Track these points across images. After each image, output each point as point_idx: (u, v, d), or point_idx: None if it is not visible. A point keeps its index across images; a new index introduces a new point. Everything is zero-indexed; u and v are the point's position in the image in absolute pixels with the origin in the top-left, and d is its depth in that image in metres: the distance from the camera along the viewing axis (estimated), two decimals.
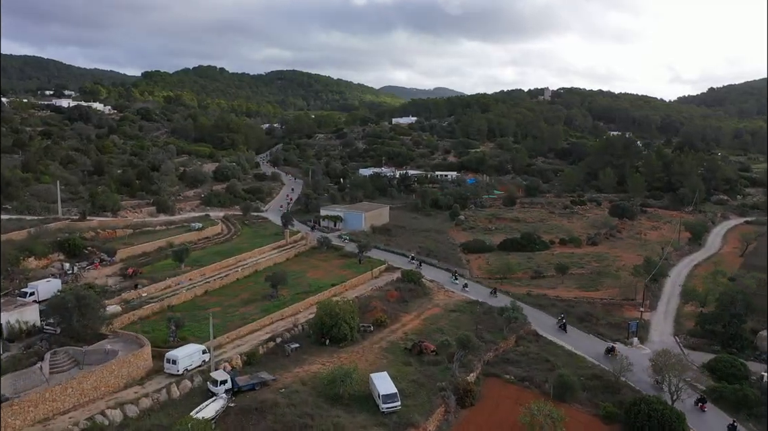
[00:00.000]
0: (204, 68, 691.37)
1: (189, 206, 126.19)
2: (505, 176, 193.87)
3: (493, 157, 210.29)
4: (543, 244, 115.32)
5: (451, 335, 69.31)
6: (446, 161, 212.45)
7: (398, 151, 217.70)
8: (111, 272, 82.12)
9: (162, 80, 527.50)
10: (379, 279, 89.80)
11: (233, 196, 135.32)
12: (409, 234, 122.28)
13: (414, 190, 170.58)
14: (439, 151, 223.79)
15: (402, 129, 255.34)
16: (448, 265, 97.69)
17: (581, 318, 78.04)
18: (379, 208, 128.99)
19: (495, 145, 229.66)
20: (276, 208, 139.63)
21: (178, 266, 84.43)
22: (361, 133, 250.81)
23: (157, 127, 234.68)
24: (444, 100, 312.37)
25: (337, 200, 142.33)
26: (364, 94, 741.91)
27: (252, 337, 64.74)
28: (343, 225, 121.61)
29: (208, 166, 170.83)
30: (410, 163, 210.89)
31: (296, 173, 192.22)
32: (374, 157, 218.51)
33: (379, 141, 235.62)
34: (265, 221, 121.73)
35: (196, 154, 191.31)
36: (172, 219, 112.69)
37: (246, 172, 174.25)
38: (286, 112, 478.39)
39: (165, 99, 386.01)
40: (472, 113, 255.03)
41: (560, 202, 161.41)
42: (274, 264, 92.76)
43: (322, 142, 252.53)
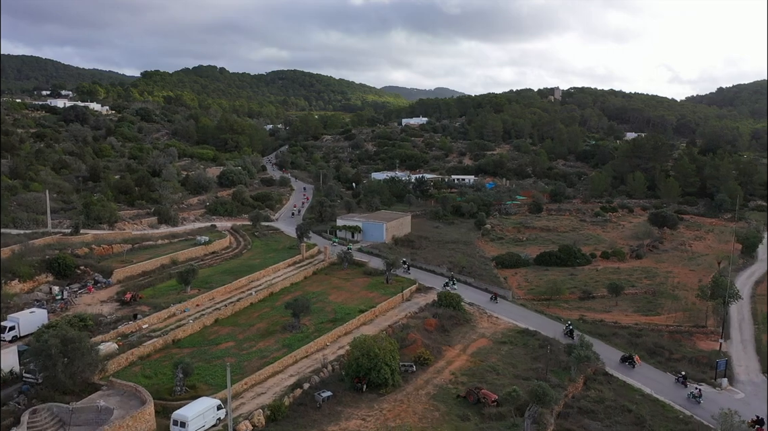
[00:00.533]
0: (204, 68, 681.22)
1: (193, 215, 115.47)
2: (525, 180, 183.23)
3: (511, 159, 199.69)
4: (584, 258, 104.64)
5: (508, 374, 58.96)
6: (462, 164, 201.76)
7: (410, 153, 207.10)
8: (106, 296, 71.45)
9: (161, 80, 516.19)
10: (411, 302, 79.24)
11: (240, 204, 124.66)
12: (435, 246, 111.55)
13: (431, 195, 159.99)
14: (453, 154, 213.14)
15: (413, 130, 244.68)
16: (487, 285, 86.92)
17: (651, 351, 67.40)
18: (401, 218, 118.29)
19: (512, 147, 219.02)
20: (287, 216, 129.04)
21: (183, 289, 73.75)
22: (370, 134, 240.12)
23: (157, 128, 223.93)
24: (454, 100, 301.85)
25: (353, 208, 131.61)
26: (367, 94, 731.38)
27: (274, 382, 54.17)
28: (362, 237, 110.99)
29: (212, 170, 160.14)
30: (423, 166, 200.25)
31: (305, 177, 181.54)
32: (385, 159, 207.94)
33: (389, 143, 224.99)
34: (276, 232, 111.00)
35: (198, 157, 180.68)
36: (175, 231, 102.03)
37: (252, 177, 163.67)
38: (288, 113, 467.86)
39: (165, 99, 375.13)
40: (485, 114, 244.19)
41: (589, 208, 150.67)
42: (291, 285, 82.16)
43: (330, 143, 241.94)
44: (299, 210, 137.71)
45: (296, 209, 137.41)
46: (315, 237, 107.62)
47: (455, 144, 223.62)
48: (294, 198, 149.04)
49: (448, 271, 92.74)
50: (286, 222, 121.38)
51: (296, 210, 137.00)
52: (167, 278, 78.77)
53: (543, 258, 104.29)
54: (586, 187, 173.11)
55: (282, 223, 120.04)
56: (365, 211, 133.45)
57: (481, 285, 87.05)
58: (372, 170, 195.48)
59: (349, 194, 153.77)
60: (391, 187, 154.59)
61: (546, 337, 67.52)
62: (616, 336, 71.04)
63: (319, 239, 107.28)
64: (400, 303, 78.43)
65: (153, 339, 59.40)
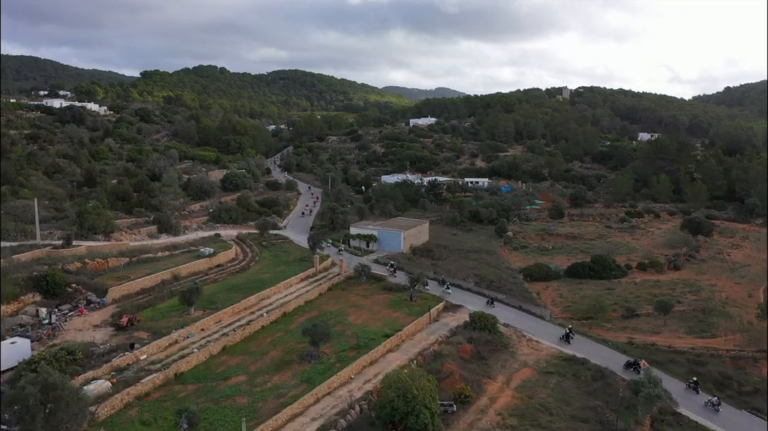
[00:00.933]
0: (204, 68, 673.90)
1: (195, 223, 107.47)
2: (541, 183, 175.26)
3: (526, 161, 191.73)
4: (619, 269, 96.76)
5: (563, 415, 51.04)
6: (474, 166, 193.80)
7: (420, 155, 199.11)
8: (100, 320, 63.50)
9: (161, 80, 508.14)
10: (439, 322, 71.30)
11: (246, 210, 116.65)
12: (456, 256, 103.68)
13: (445, 199, 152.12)
14: (465, 155, 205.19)
15: (421, 131, 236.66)
16: (520, 302, 78.96)
17: (718, 383, 59.48)
18: (418, 225, 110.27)
19: (525, 149, 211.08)
20: (297, 218, 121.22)
21: (186, 311, 65.80)
22: (378, 135, 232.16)
23: (157, 129, 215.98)
24: (462, 100, 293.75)
25: (365, 214, 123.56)
26: (369, 94, 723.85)
27: (294, 428, 46.19)
28: (378, 246, 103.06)
29: (215, 173, 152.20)
30: (434, 168, 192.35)
31: (311, 180, 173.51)
32: (394, 161, 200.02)
33: (397, 144, 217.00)
34: (285, 242, 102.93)
35: (200, 159, 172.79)
36: (177, 242, 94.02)
37: (257, 180, 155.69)
38: (289, 113, 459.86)
39: (164, 99, 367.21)
40: (495, 114, 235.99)
41: (613, 213, 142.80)
42: (305, 303, 74.20)
43: (335, 144, 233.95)
44: (311, 210, 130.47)
45: (308, 209, 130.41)
46: (326, 247, 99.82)
47: (466, 145, 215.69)
48: (303, 203, 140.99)
49: (475, 285, 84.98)
50: (295, 229, 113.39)
51: (307, 210, 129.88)
52: (168, 296, 70.81)
53: (575, 269, 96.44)
54: (607, 191, 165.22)
55: (291, 231, 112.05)
56: (378, 217, 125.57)
57: (513, 301, 79.03)
58: (381, 172, 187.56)
59: (359, 198, 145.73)
60: (403, 190, 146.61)
61: (598, 367, 59.57)
62: (674, 364, 63.14)
63: (331, 249, 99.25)
64: (427, 324, 70.50)
65: (152, 374, 51.43)
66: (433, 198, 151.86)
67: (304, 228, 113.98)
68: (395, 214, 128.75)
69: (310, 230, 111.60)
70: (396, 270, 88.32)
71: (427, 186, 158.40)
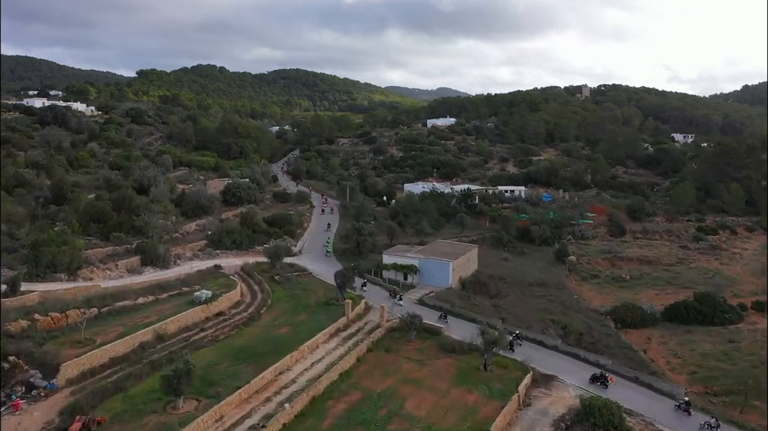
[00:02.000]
0: (203, 67, 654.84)
1: (190, 250, 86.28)
2: (584, 191, 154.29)
3: (563, 166, 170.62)
4: (733, 311, 75.61)
5: None
6: (505, 172, 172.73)
7: (444, 159, 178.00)
8: (42, 421, 42.33)
9: (158, 79, 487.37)
10: (532, 409, 50.16)
11: (252, 231, 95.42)
12: (517, 291, 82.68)
13: (481, 212, 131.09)
14: (493, 159, 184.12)
15: (441, 132, 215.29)
16: (637, 372, 57.48)
17: None
18: (467, 251, 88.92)
19: (559, 152, 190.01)
20: (313, 243, 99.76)
21: (173, 403, 44.62)
22: (393, 137, 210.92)
23: (150, 131, 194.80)
24: (482, 98, 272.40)
25: (395, 234, 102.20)
26: (373, 94, 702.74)
27: None
28: (419, 279, 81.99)
29: (214, 182, 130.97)
30: (461, 175, 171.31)
31: (324, 189, 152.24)
32: (415, 167, 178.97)
33: (416, 147, 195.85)
34: (303, 275, 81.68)
35: (197, 165, 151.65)
36: (165, 278, 72.83)
37: (263, 191, 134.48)
38: (291, 113, 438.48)
39: (161, 99, 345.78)
40: (521, 113, 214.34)
41: (681, 229, 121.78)
42: (340, 378, 52.96)
43: (347, 147, 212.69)
44: (328, 224, 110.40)
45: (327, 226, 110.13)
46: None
47: (493, 148, 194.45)
48: (317, 218, 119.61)
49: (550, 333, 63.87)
50: (313, 255, 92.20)
51: (325, 225, 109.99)
52: (149, 372, 49.70)
53: (675, 312, 75.24)
54: (664, 201, 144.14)
55: (308, 258, 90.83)
56: (410, 237, 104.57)
57: (624, 369, 57.50)
58: (401, 180, 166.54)
59: (383, 213, 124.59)
60: (435, 203, 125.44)
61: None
62: None
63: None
64: (517, 411, 49.42)
65: None
66: (467, 211, 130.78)
67: (324, 253, 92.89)
68: (429, 231, 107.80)
69: (327, 252, 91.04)
70: (447, 316, 67.45)
71: (459, 196, 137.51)
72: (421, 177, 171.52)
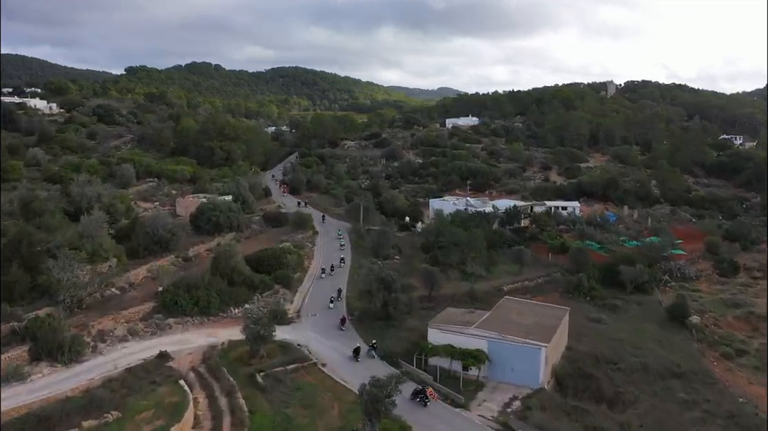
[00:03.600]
0: (198, 65, 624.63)
1: (125, 322, 54.98)
2: (653, 208, 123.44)
3: (621, 175, 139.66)
4: None
5: None
6: (549, 182, 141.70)
7: (473, 167, 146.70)
8: None
9: (147, 76, 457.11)
10: None
11: (228, 283, 63.86)
12: (646, 389, 51.53)
13: (534, 238, 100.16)
14: (532, 166, 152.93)
15: (465, 134, 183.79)
16: None
17: None
18: (555, 319, 57.47)
19: (610, 157, 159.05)
20: (318, 297, 68.02)
21: None
22: (409, 139, 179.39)
23: (119, 132, 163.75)
24: (506, 95, 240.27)
25: (436, 281, 70.53)
26: (375, 93, 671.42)
27: None
28: (487, 372, 51.01)
29: (187, 201, 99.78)
30: (495, 187, 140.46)
31: (330, 206, 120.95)
32: (437, 176, 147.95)
33: (438, 151, 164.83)
34: (303, 367, 50.28)
35: (169, 176, 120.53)
36: (67, 389, 41.67)
37: (251, 210, 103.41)
38: (290, 113, 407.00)
39: (146, 97, 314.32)
40: (558, 111, 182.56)
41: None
42: None
43: (354, 151, 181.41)
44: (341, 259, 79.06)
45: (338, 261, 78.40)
46: (376, 362, 47.59)
47: (528, 152, 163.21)
48: (322, 250, 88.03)
49: None
50: (320, 324, 60.78)
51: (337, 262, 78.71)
52: None
53: None
54: (760, 222, 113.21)
55: (311, 327, 59.53)
56: (456, 282, 73.66)
57: None
58: (423, 191, 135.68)
59: (410, 241, 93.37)
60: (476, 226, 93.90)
61: None
62: None
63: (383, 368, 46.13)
64: None
65: None
66: (516, 237, 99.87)
67: (335, 317, 61.75)
68: (481, 274, 76.94)
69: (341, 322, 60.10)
70: None
71: (503, 217, 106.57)
72: (447, 188, 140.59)
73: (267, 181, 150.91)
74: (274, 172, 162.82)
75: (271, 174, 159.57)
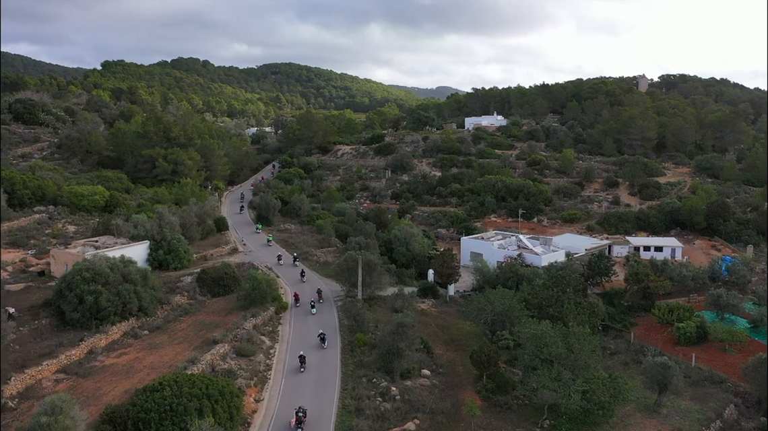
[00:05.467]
0: (184, 60, 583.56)
1: None
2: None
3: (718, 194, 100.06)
4: None
5: None
6: (622, 206, 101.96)
7: (513, 183, 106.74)
8: None
9: (123, 71, 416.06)
10: None
11: None
12: None
13: (635, 308, 60.68)
14: (593, 182, 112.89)
15: (493, 137, 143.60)
16: None
17: None
18: None
19: (692, 168, 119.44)
20: None
21: None
22: (420, 144, 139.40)
23: (36, 135, 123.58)
24: (535, 89, 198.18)
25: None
26: (374, 91, 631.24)
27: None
28: None
29: (65, 255, 59.76)
30: (546, 212, 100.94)
31: (312, 248, 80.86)
32: (461, 194, 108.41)
33: (460, 160, 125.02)
34: None
35: (75, 203, 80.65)
36: None
37: (186, 263, 63.86)
38: (281, 111, 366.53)
39: (112, 93, 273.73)
40: (617, 110, 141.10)
41: None
42: None
43: (350, 159, 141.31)
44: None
45: None
46: None
47: (582, 161, 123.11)
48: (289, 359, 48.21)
49: None
50: None
51: None
52: None
53: None
54: None
55: None
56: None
57: None
58: (445, 218, 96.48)
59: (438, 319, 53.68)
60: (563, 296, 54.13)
61: None
62: None
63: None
64: None
65: None
66: (609, 305, 60.50)
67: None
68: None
69: None
70: None
71: (586, 270, 67.68)
72: (478, 213, 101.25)
73: (231, 203, 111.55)
74: (245, 190, 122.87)
75: (241, 193, 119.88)
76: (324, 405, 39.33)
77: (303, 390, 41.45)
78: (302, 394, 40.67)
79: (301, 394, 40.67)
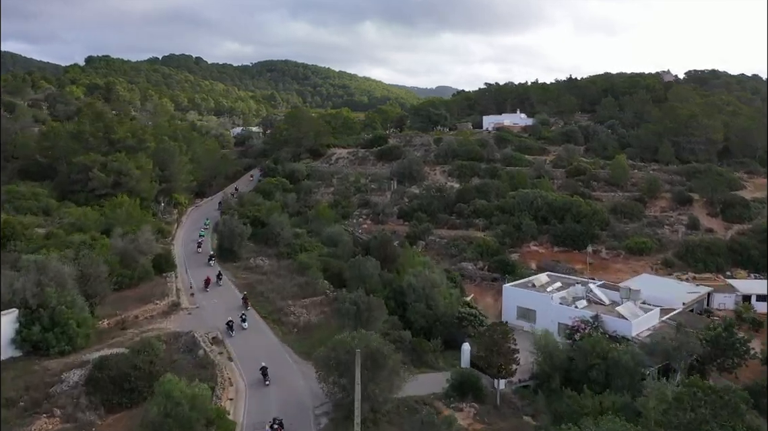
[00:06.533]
0: (176, 57, 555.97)
1: None
2: None
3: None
4: None
5: None
6: (701, 229, 77.76)
7: (556, 200, 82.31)
8: None
9: (107, 67, 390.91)
10: None
11: None
12: None
13: None
14: (658, 199, 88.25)
15: (519, 138, 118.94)
16: None
17: None
18: None
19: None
20: None
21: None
22: (433, 148, 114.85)
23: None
24: (561, 85, 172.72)
25: None
26: (373, 89, 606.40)
27: None
28: None
29: None
30: (603, 240, 76.66)
31: (286, 290, 56.54)
32: (488, 213, 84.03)
33: (482, 169, 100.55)
34: None
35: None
36: None
37: (83, 338, 39.07)
38: (275, 111, 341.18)
39: (86, 89, 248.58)
40: (674, 109, 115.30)
41: None
42: None
43: (346, 166, 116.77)
44: None
45: None
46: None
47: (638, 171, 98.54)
48: None
49: None
50: None
51: None
52: None
53: None
54: None
55: None
56: None
57: None
58: (471, 248, 72.48)
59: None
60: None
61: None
62: None
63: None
64: None
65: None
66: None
67: None
68: None
69: None
70: None
71: (706, 347, 43.28)
72: (512, 241, 76.99)
73: (194, 222, 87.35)
74: (213, 214, 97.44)
75: (211, 207, 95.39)
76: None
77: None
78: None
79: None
